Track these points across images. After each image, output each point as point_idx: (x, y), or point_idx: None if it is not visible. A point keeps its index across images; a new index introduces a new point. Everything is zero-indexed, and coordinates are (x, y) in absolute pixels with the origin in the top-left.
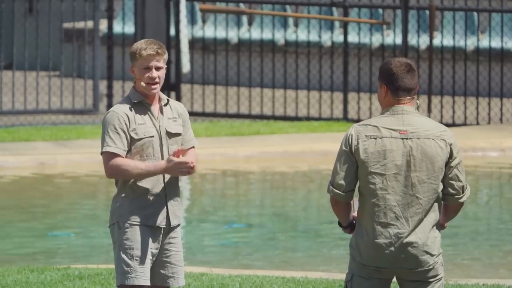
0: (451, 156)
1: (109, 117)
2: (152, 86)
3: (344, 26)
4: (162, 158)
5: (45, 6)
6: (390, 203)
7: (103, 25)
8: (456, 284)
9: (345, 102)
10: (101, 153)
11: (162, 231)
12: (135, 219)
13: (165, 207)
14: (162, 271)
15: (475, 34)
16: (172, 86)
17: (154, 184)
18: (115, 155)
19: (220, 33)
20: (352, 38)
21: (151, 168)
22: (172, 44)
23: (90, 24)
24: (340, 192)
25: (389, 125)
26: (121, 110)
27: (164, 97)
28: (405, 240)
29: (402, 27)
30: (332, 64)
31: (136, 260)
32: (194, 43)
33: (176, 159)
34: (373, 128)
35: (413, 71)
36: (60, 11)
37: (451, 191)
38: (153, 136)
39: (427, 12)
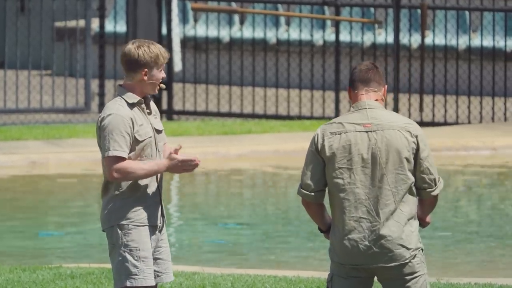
0: (418, 148)
1: (114, 120)
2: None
3: (336, 25)
4: (156, 157)
5: (37, 5)
6: (360, 197)
7: (95, 24)
8: (448, 283)
9: (337, 101)
10: (106, 157)
11: (157, 230)
12: (138, 220)
13: (160, 205)
14: (156, 268)
15: (466, 33)
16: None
17: (151, 184)
18: (121, 158)
19: (212, 32)
20: (344, 37)
21: (155, 167)
22: (164, 43)
23: (81, 23)
24: (308, 193)
25: (354, 120)
26: (124, 113)
27: (148, 96)
28: (378, 233)
29: (394, 26)
30: (324, 63)
31: (143, 261)
32: (185, 42)
33: (179, 157)
34: (337, 125)
35: (372, 68)
36: (52, 10)
37: (423, 184)
38: (151, 136)
39: (419, 11)
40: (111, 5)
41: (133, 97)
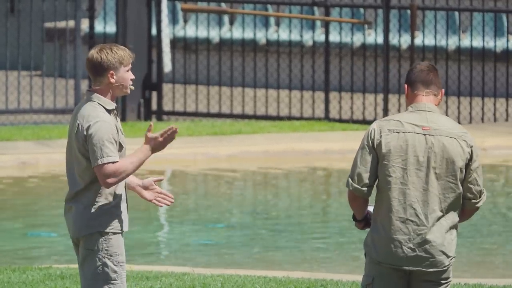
0: (471, 158)
1: (102, 127)
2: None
3: (326, 25)
4: None
5: (27, 6)
6: (410, 199)
7: (85, 24)
8: None
9: (327, 101)
10: (99, 165)
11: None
12: (117, 228)
13: (127, 211)
14: None
15: (456, 34)
16: (153, 86)
17: (123, 191)
18: (114, 163)
19: (202, 33)
20: (334, 37)
21: (141, 155)
22: (154, 43)
23: (71, 23)
24: (359, 187)
25: (413, 120)
26: (109, 119)
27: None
28: (424, 238)
29: (384, 26)
30: (314, 63)
31: (121, 265)
32: (175, 42)
33: (157, 134)
34: (396, 122)
35: (433, 70)
36: (42, 11)
37: (469, 195)
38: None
39: (409, 11)
40: (101, 5)
41: (110, 104)
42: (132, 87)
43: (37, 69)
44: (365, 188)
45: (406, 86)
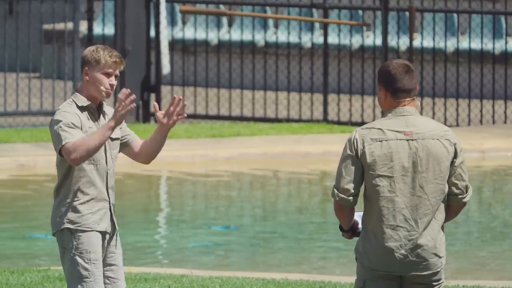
0: (455, 155)
1: (60, 116)
2: (109, 92)
3: (324, 27)
4: (106, 163)
5: (25, 8)
6: (398, 206)
7: (83, 26)
8: None
9: (325, 103)
10: (61, 148)
11: (107, 237)
12: (86, 225)
13: (110, 212)
14: (111, 274)
15: (455, 36)
16: (152, 88)
17: (100, 190)
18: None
19: (200, 35)
20: (332, 39)
21: (103, 130)
22: (152, 45)
23: (70, 25)
24: (345, 197)
25: (393, 127)
26: (72, 111)
27: (103, 103)
28: (416, 243)
29: (382, 28)
30: (312, 65)
31: (94, 263)
32: (174, 44)
33: (114, 106)
34: (377, 131)
35: (411, 72)
36: (40, 13)
37: (455, 190)
38: None
39: (407, 13)
40: (100, 7)
41: (83, 100)
42: (105, 91)
43: (35, 71)
44: (351, 198)
45: (383, 89)
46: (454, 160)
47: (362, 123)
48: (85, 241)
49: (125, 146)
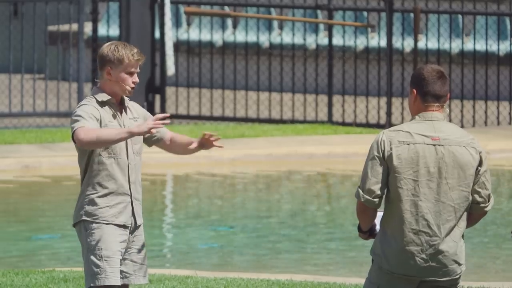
0: (480, 164)
1: (82, 109)
2: (132, 90)
3: (329, 29)
4: (127, 157)
5: (30, 9)
6: (422, 210)
7: (88, 27)
8: None
9: (330, 104)
10: (73, 133)
11: (129, 230)
12: (103, 218)
13: (131, 206)
14: (123, 268)
15: (459, 37)
16: (157, 89)
17: (120, 184)
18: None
19: (205, 36)
20: (337, 41)
21: (125, 133)
22: (157, 46)
23: (74, 26)
24: (371, 199)
25: (421, 131)
26: (92, 106)
27: (126, 98)
28: (437, 248)
29: (387, 30)
30: (317, 66)
31: (105, 260)
32: (179, 45)
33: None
34: (405, 134)
35: (444, 78)
36: (45, 14)
37: (478, 199)
38: None
39: (412, 15)
40: (104, 9)
41: (103, 96)
42: (130, 89)
43: (40, 73)
44: (376, 199)
45: (414, 91)
46: (479, 168)
47: (366, 125)
48: (98, 237)
49: (156, 142)
